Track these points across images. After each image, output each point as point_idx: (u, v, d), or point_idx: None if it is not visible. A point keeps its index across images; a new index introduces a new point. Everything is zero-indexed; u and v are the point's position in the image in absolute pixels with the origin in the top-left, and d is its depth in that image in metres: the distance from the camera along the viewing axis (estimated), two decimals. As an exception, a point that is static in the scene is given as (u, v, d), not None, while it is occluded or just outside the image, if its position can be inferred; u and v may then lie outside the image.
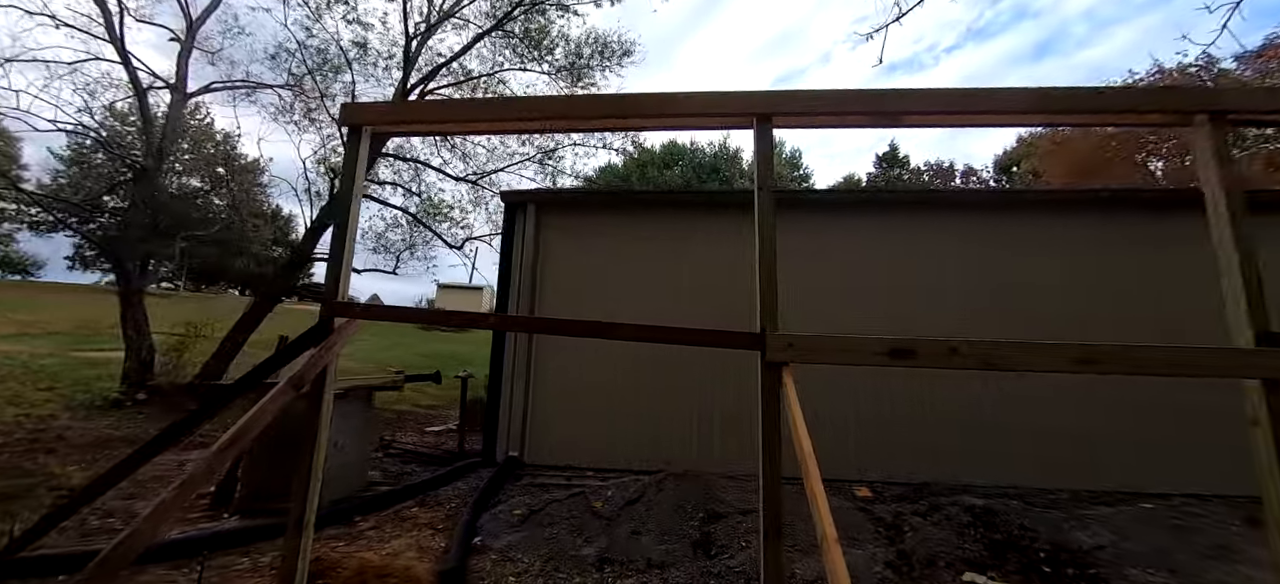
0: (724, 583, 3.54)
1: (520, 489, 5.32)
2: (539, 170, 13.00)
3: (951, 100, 3.21)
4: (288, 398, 2.80)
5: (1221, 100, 2.98)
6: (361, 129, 3.38)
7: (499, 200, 13.98)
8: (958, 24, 62.17)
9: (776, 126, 3.22)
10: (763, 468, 2.88)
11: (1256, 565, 3.60)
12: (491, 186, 13.11)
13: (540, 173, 13.14)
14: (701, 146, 39.91)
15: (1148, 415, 5.55)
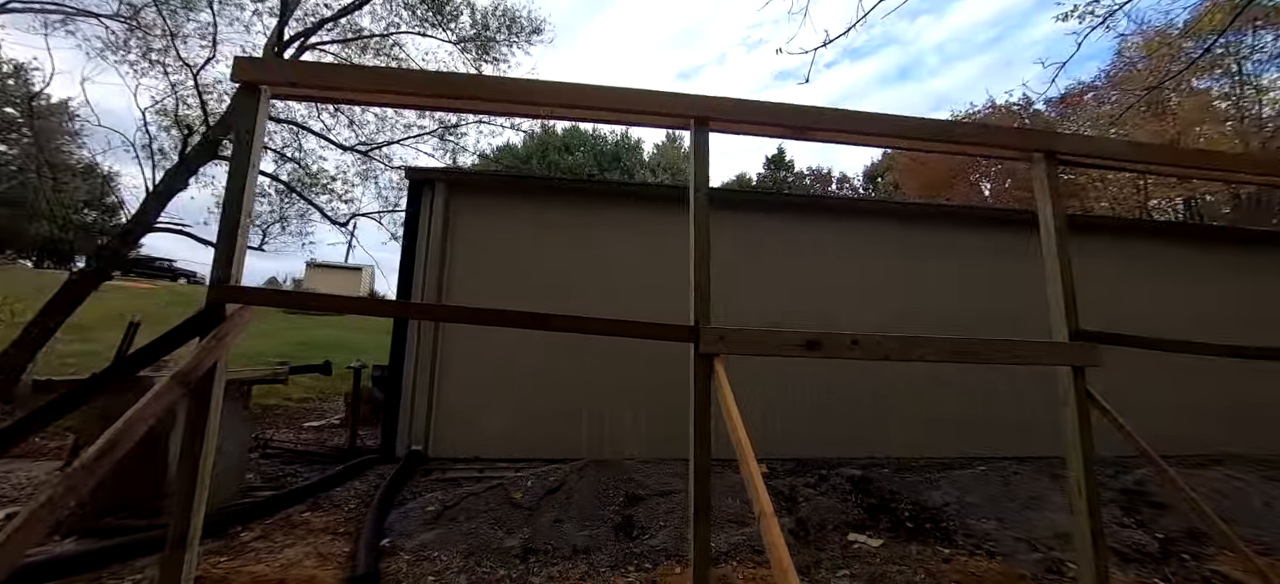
0: (647, 561, 3.71)
1: (430, 485, 5.05)
2: (439, 146, 12.19)
3: (856, 121, 3.61)
4: (174, 397, 2.42)
5: (1054, 143, 3.70)
6: (260, 89, 2.98)
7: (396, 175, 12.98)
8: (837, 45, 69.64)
9: (712, 130, 3.39)
10: (693, 453, 3.06)
11: (1058, 509, 4.61)
12: (384, 160, 12.04)
13: (440, 148, 12.33)
14: (603, 134, 39.85)
15: (983, 395, 6.75)
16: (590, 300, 6.47)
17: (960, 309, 7.07)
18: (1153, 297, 7.74)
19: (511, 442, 6.12)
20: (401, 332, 6.27)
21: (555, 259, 6.68)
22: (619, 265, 6.75)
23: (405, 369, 6.20)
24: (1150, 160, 4.06)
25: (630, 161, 38.25)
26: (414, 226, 6.47)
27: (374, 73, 3.19)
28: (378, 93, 3.18)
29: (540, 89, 3.12)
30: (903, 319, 6.96)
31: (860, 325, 4.35)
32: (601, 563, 3.68)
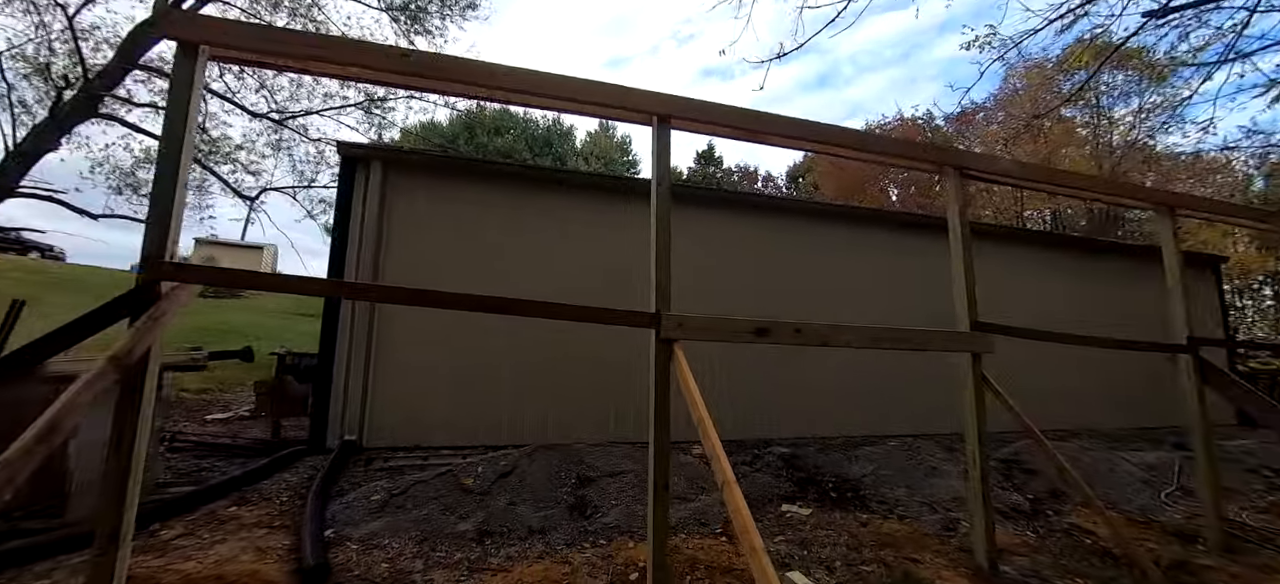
0: (602, 538, 3.87)
1: (371, 474, 4.88)
2: (363, 119, 11.46)
3: (802, 129, 3.94)
4: (107, 383, 2.24)
5: (963, 159, 4.25)
6: (198, 49, 2.77)
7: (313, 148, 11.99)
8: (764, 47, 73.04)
9: (674, 128, 3.56)
10: (654, 432, 3.28)
11: (953, 477, 5.32)
12: (299, 130, 11.12)
13: (364, 122, 11.58)
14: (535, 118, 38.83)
15: (892, 380, 7.55)
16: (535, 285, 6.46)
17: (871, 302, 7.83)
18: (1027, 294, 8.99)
19: (454, 429, 6.02)
20: (332, 316, 5.93)
21: (497, 244, 6.59)
22: (562, 252, 6.78)
23: (337, 355, 5.88)
24: (1032, 179, 4.77)
25: (562, 148, 37.68)
26: (347, 205, 6.12)
27: (329, 42, 3.00)
28: (332, 63, 3.05)
29: (505, 73, 3.13)
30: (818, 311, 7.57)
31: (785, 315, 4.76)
32: (558, 541, 3.79)
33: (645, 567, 3.51)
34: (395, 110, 12.09)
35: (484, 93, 3.41)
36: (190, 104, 2.78)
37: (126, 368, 2.36)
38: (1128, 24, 7.38)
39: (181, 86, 2.77)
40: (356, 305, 5.93)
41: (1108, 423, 8.79)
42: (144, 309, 2.56)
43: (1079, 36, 14.29)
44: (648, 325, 3.33)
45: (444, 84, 3.20)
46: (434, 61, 3.09)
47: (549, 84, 3.37)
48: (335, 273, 5.98)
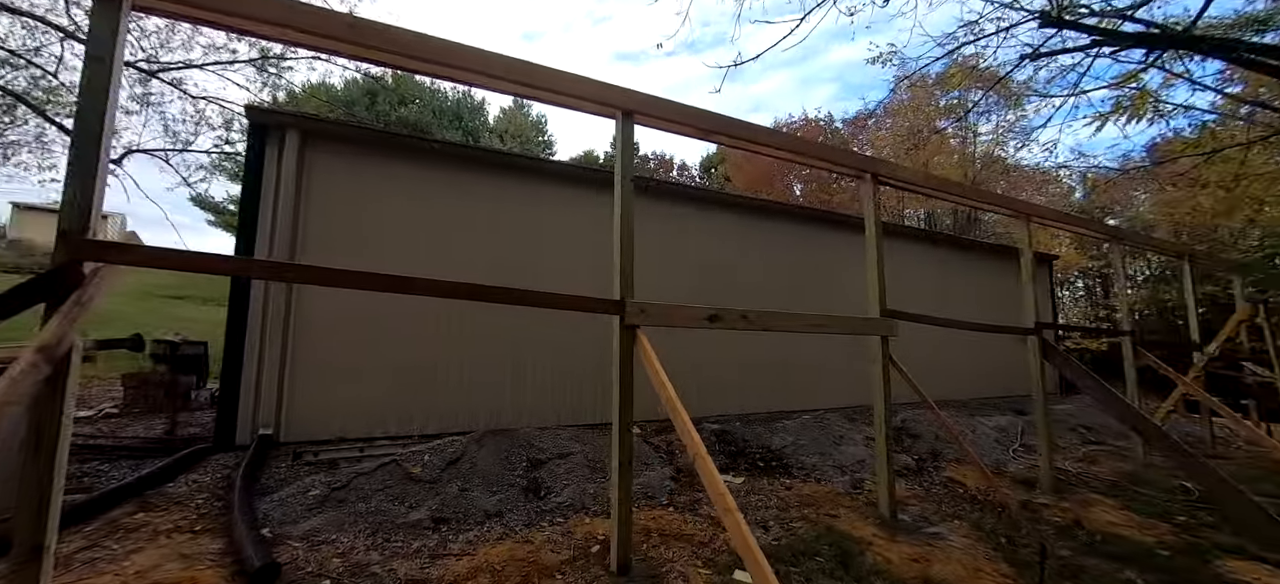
0: (558, 516, 4.02)
1: (302, 469, 4.57)
2: (255, 77, 10.23)
3: (748, 131, 4.27)
4: (40, 378, 1.98)
5: (878, 167, 4.84)
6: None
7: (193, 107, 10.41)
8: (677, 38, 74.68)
9: (637, 123, 3.73)
10: (617, 413, 3.48)
11: (857, 444, 6.11)
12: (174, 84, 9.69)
13: (255, 80, 10.34)
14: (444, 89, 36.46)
15: (805, 360, 8.36)
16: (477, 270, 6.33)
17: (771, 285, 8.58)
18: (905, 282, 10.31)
19: (386, 419, 5.76)
20: (241, 301, 5.38)
21: (432, 225, 6.34)
22: (500, 235, 6.67)
23: (247, 343, 5.36)
24: (930, 187, 5.54)
25: (474, 122, 35.88)
26: (258, 175, 5.54)
27: (271, 4, 2.72)
28: (271, 24, 2.82)
29: (469, 53, 3.09)
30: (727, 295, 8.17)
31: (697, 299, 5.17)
32: (516, 522, 3.87)
33: (604, 539, 3.72)
34: (293, 69, 10.91)
35: (443, 72, 3.32)
36: (114, 60, 2.46)
37: (55, 360, 2.09)
38: (1005, 58, 8.57)
39: (104, 39, 2.44)
40: (270, 289, 5.42)
41: (965, 393, 10.40)
42: (66, 293, 2.26)
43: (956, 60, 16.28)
44: (612, 312, 3.50)
45: (397, 58, 3.08)
46: (387, 33, 2.95)
47: (517, 69, 3.36)
48: (245, 252, 5.41)
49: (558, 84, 3.49)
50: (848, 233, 9.68)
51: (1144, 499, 5.64)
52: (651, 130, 4.10)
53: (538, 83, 3.43)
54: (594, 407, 6.70)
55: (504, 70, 3.33)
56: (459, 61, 3.21)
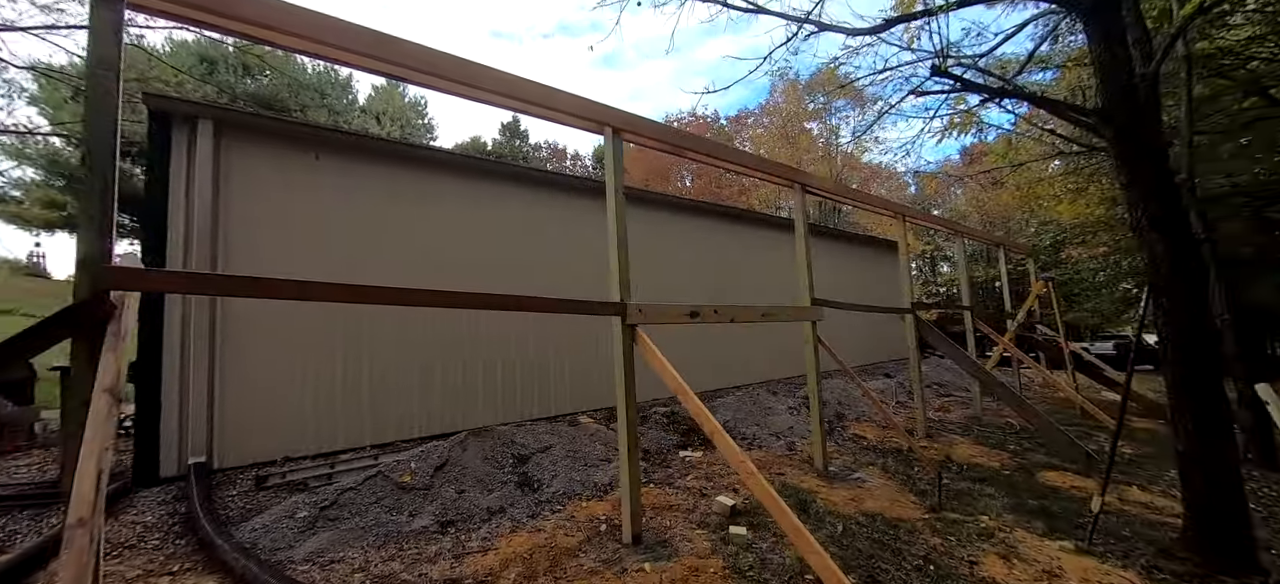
0: (556, 504, 4.30)
1: (269, 495, 4.25)
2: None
3: (711, 147, 4.84)
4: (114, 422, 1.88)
5: (807, 179, 5.70)
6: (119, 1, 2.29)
7: None
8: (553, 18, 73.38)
9: (624, 140, 4.10)
10: (623, 403, 3.89)
11: (782, 414, 7.10)
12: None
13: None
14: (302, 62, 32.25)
15: (736, 342, 9.28)
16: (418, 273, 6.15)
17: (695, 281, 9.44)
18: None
19: (334, 435, 5.43)
20: (153, 320, 4.72)
21: (369, 225, 6.02)
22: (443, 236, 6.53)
23: (166, 366, 4.74)
24: (839, 194, 6.58)
25: (340, 101, 32.29)
26: (166, 173, 4.86)
27: (292, 12, 2.57)
28: (289, 35, 2.75)
29: (483, 73, 3.22)
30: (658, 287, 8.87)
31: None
32: (520, 515, 4.08)
33: (606, 518, 4.11)
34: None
35: (459, 89, 3.35)
36: (119, 69, 2.26)
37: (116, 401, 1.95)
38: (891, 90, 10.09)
39: (106, 47, 2.23)
40: (192, 305, 4.82)
41: (852, 362, 12.24)
42: (94, 325, 2.08)
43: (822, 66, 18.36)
44: (615, 314, 3.87)
45: (414, 74, 3.11)
46: (407, 49, 2.98)
47: (520, 88, 3.54)
48: (154, 258, 4.73)
49: (552, 101, 3.72)
50: (750, 227, 10.84)
51: (987, 435, 7.36)
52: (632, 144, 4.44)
53: (544, 101, 3.64)
54: (559, 399, 6.95)
55: (510, 88, 3.49)
56: (470, 79, 3.31)
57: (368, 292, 2.87)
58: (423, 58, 3.04)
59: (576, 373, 7.41)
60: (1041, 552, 4.02)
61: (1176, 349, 4.02)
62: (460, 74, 3.18)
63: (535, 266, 7.18)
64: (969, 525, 4.40)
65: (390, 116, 31.16)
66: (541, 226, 7.43)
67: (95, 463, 1.70)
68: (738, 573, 3.37)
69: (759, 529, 4.00)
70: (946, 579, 3.49)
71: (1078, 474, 5.91)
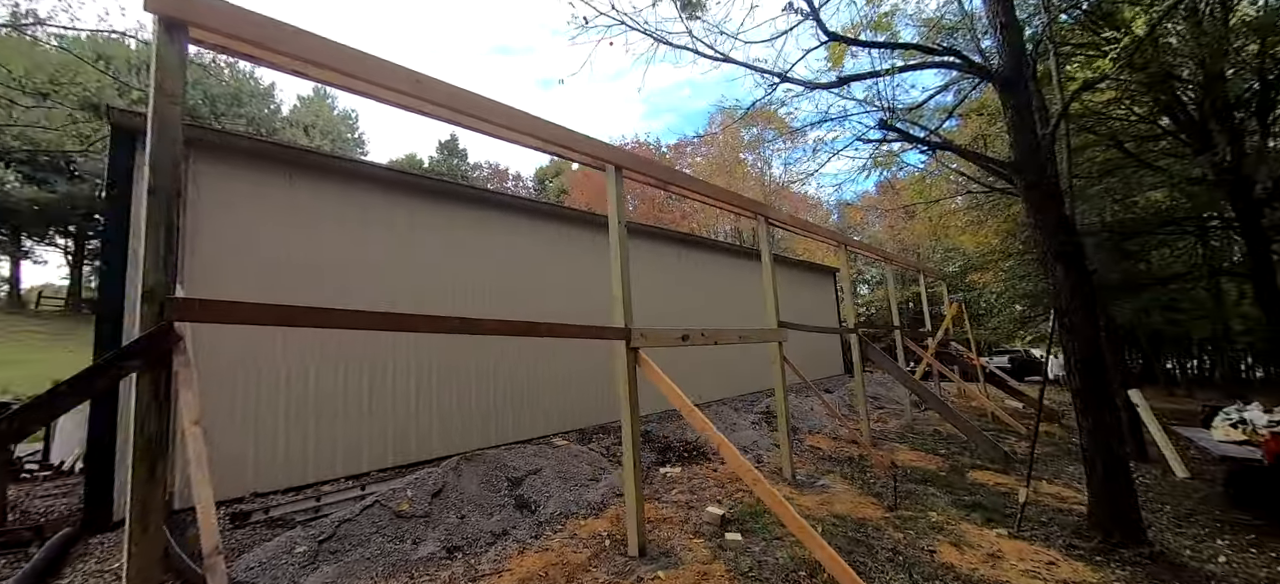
0: (556, 523, 4.42)
1: (249, 533, 4.02)
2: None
3: (688, 181, 5.25)
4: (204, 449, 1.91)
5: (769, 211, 6.27)
6: (185, 28, 2.33)
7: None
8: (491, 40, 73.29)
9: (625, 177, 4.42)
10: (628, 422, 4.15)
11: (746, 428, 7.55)
12: None
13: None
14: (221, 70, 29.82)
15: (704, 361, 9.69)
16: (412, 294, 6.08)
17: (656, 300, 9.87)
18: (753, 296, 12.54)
19: (306, 467, 5.20)
20: (107, 345, 4.37)
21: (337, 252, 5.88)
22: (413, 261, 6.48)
23: (121, 399, 4.39)
24: (791, 224, 7.23)
25: (260, 110, 30.18)
26: (126, 194, 4.55)
27: (341, 52, 2.64)
28: (335, 72, 2.88)
29: (495, 108, 3.39)
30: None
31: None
32: (524, 536, 4.17)
33: (607, 534, 4.29)
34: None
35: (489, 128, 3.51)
36: (182, 96, 2.28)
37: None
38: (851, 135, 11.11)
39: (171, 74, 2.25)
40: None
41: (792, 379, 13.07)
42: (164, 359, 2.08)
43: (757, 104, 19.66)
44: (619, 338, 4.13)
45: (454, 114, 3.27)
46: (449, 91, 3.14)
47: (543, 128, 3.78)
48: (112, 284, 4.39)
49: (560, 139, 3.97)
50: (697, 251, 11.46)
51: (921, 442, 8.23)
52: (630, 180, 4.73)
53: (563, 141, 3.91)
54: (535, 421, 7.02)
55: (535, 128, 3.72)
56: (484, 114, 3.48)
57: (403, 320, 2.96)
58: (457, 97, 3.21)
59: (551, 395, 7.51)
60: (983, 539, 4.67)
61: (1078, 363, 4.88)
62: (500, 117, 3.38)
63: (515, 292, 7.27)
64: (922, 521, 5.00)
65: (320, 129, 29.54)
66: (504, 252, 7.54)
67: (210, 494, 1.74)
68: (741, 575, 3.68)
69: (750, 534, 4.35)
70: (914, 567, 3.99)
71: (999, 472, 6.81)
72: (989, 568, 4.10)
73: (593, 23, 5.72)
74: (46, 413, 1.83)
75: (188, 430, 1.90)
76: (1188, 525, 5.62)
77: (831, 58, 9.30)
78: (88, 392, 1.93)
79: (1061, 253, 4.86)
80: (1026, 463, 7.23)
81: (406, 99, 3.03)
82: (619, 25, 6.42)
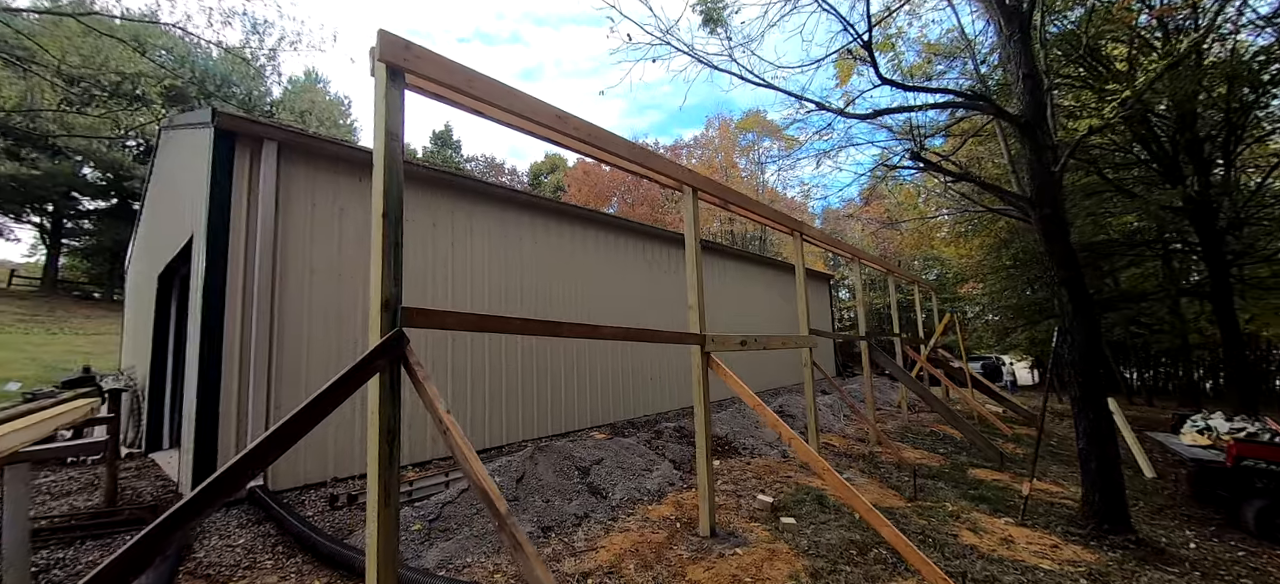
0: (627, 508, 4.90)
1: (347, 515, 4.40)
2: None
3: (745, 201, 5.75)
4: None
5: (804, 228, 6.83)
6: (403, 75, 2.72)
7: None
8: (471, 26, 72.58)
9: (700, 199, 4.90)
10: (701, 418, 4.66)
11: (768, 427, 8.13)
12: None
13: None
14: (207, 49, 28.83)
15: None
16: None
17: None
18: (751, 298, 13.17)
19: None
20: (213, 337, 4.66)
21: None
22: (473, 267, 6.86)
23: (224, 385, 4.69)
24: (827, 243, 7.82)
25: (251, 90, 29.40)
26: (227, 195, 4.82)
27: (513, 95, 3.05)
28: (508, 112, 3.27)
29: (613, 139, 3.84)
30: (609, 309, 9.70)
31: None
32: (603, 518, 4.64)
33: (673, 518, 4.79)
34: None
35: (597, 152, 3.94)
36: (402, 132, 2.68)
37: (436, 421, 2.38)
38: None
39: (392, 111, 2.64)
40: (255, 324, 4.81)
41: (788, 380, 13.78)
42: (399, 358, 2.49)
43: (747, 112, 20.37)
44: (696, 343, 4.62)
45: (580, 143, 3.70)
46: (587, 128, 3.58)
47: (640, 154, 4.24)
48: (216, 286, 4.68)
49: (641, 158, 4.41)
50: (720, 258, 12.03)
51: (921, 441, 8.96)
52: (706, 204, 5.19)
53: (652, 165, 4.36)
54: (568, 415, 7.47)
55: (632, 153, 4.17)
56: (615, 149, 3.94)
57: (560, 327, 3.39)
58: (594, 133, 3.65)
59: (587, 393, 7.98)
60: (994, 526, 5.33)
61: (1078, 373, 5.59)
62: (615, 146, 3.83)
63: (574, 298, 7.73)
64: (939, 511, 5.64)
65: (316, 115, 29.03)
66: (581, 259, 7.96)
67: (482, 470, 2.17)
68: (803, 553, 4.23)
69: (801, 519, 4.91)
70: (944, 547, 4.61)
71: (995, 470, 7.56)
72: (1005, 550, 4.75)
73: (615, 29, 6.15)
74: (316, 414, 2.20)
75: (444, 418, 2.31)
76: (1160, 518, 6.43)
77: (839, 75, 9.93)
78: (348, 390, 2.32)
79: (1067, 280, 5.55)
80: (1018, 462, 8.01)
81: (551, 132, 3.46)
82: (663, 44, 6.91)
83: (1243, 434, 6.77)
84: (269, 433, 2.08)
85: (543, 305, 7.55)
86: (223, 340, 4.72)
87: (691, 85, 11.58)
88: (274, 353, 4.98)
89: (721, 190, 5.14)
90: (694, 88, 70.18)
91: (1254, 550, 5.61)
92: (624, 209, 27.69)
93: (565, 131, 3.48)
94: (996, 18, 5.41)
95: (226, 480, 1.93)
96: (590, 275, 8.58)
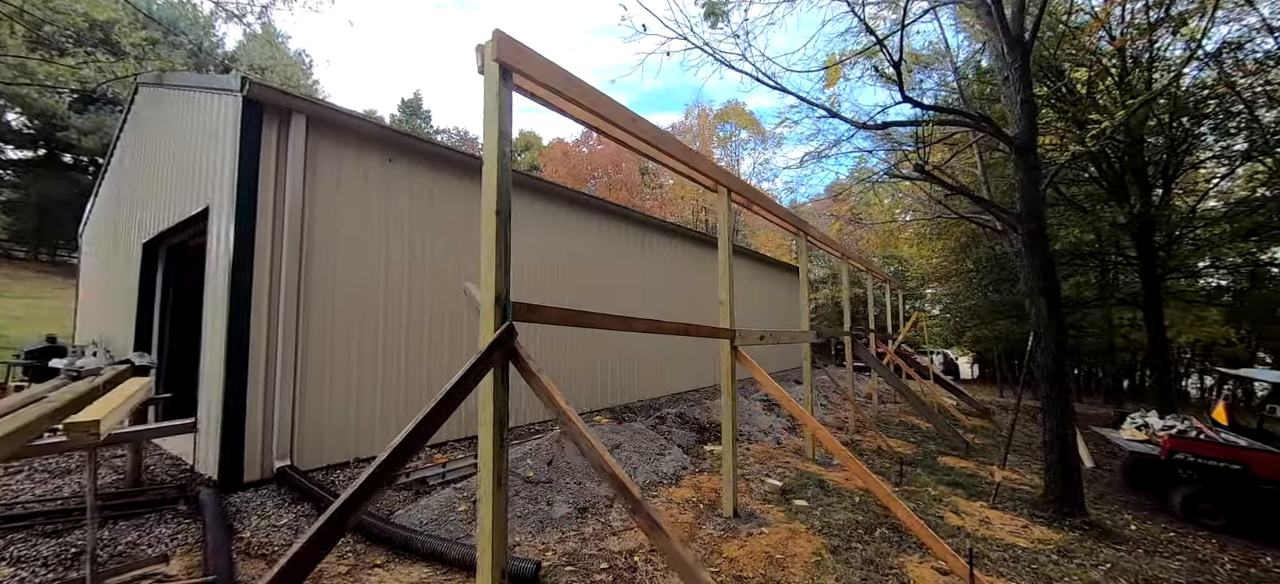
0: (650, 490, 5.17)
1: (401, 494, 4.46)
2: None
3: (778, 209, 6.05)
4: (566, 421, 2.51)
5: (808, 228, 7.21)
6: (511, 74, 2.81)
7: None
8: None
9: (733, 200, 5.15)
10: (728, 406, 4.96)
11: (759, 413, 8.57)
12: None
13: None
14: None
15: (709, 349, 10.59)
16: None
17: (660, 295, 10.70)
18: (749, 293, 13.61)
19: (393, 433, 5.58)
20: (240, 318, 4.56)
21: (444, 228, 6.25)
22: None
23: (251, 367, 4.60)
24: (824, 244, 8.23)
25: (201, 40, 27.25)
26: (255, 168, 4.68)
27: (601, 99, 3.17)
28: (591, 113, 3.38)
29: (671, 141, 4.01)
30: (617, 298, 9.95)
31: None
32: (632, 501, 4.89)
33: (693, 500, 5.10)
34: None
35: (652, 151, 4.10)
36: (510, 131, 2.77)
37: (543, 408, 2.53)
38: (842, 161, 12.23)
39: (503, 110, 2.73)
40: (283, 303, 4.72)
41: (773, 367, 14.38)
42: (509, 352, 2.63)
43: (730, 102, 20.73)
44: (725, 337, 4.90)
45: (643, 143, 3.86)
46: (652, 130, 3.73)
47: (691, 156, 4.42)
48: (243, 261, 4.55)
49: (682, 155, 4.61)
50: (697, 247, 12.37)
51: (893, 431, 9.66)
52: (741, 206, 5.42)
53: (694, 164, 4.55)
54: (577, 402, 7.66)
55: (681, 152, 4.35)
56: (670, 149, 4.11)
57: (632, 322, 3.57)
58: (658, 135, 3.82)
59: (595, 379, 8.18)
60: (972, 508, 5.94)
61: (1047, 375, 6.24)
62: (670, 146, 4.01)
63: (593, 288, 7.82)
64: (923, 494, 6.21)
65: (276, 72, 27.26)
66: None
67: (605, 452, 2.36)
68: (818, 531, 4.64)
69: (811, 500, 5.33)
70: (935, 527, 5.13)
71: (960, 458, 8.30)
72: (985, 529, 5.34)
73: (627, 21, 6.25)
74: (444, 411, 2.31)
75: (565, 409, 2.48)
76: (1103, 503, 7.29)
77: (827, 78, 10.35)
78: (469, 387, 2.44)
79: (1045, 290, 6.17)
80: (979, 451, 8.79)
81: (623, 133, 3.60)
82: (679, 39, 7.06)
83: (1174, 431, 7.72)
84: (410, 429, 2.19)
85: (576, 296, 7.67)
86: (251, 320, 4.62)
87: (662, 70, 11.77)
88: (300, 333, 4.92)
89: (748, 191, 5.41)
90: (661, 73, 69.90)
91: (1182, 531, 6.49)
92: (603, 192, 27.69)
93: (635, 132, 3.64)
94: (1000, 45, 5.87)
95: (389, 465, 2.06)
96: (592, 264, 8.72)
